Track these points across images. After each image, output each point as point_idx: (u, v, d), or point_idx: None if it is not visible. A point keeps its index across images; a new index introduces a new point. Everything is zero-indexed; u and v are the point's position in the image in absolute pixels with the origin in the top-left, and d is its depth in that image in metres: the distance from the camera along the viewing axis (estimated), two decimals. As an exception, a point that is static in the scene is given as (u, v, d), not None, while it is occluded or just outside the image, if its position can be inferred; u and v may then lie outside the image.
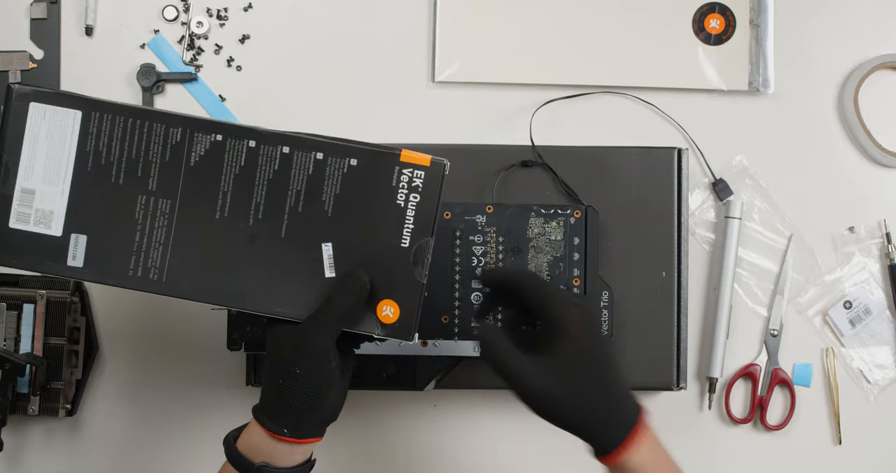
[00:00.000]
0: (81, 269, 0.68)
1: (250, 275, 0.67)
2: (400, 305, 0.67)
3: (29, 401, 0.88)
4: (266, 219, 0.67)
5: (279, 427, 0.67)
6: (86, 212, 0.67)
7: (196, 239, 0.67)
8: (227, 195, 0.67)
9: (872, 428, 0.92)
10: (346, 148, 0.67)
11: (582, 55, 0.94)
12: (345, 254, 0.67)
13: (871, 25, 0.95)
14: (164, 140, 0.67)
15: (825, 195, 0.94)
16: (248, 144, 0.67)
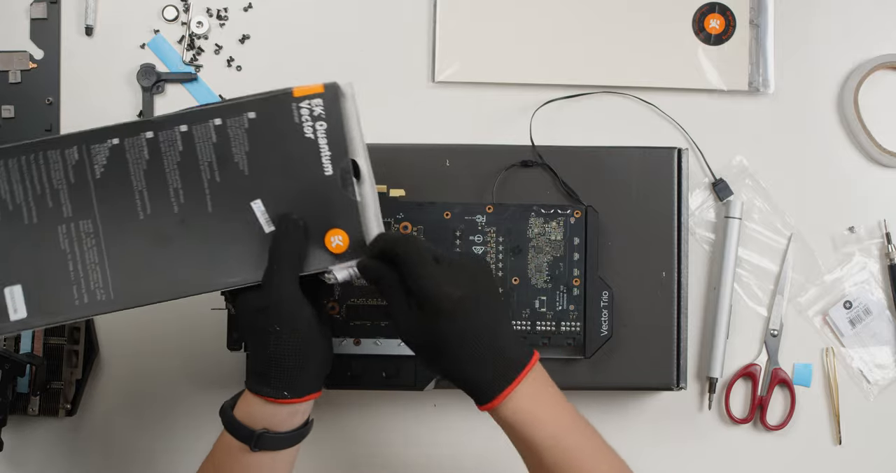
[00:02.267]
0: (27, 319, 0.66)
1: (194, 259, 0.67)
2: (346, 230, 0.67)
3: (29, 401, 0.88)
4: (189, 201, 0.66)
5: (278, 391, 0.66)
6: (10, 262, 0.66)
7: (129, 245, 0.67)
8: (143, 193, 0.66)
9: (872, 428, 0.92)
10: (239, 105, 0.66)
11: (582, 55, 0.94)
12: (276, 205, 0.67)
13: (871, 25, 0.95)
14: (63, 164, 0.66)
15: (825, 195, 0.94)
16: (146, 137, 0.66)
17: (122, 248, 0.66)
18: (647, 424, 0.92)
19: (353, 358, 0.82)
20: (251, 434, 0.67)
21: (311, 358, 0.67)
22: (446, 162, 0.86)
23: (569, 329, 0.83)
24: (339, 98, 0.67)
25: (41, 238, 0.66)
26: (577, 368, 0.84)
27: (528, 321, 0.82)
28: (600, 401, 0.92)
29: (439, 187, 0.85)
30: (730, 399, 0.92)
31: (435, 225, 0.83)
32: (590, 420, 0.92)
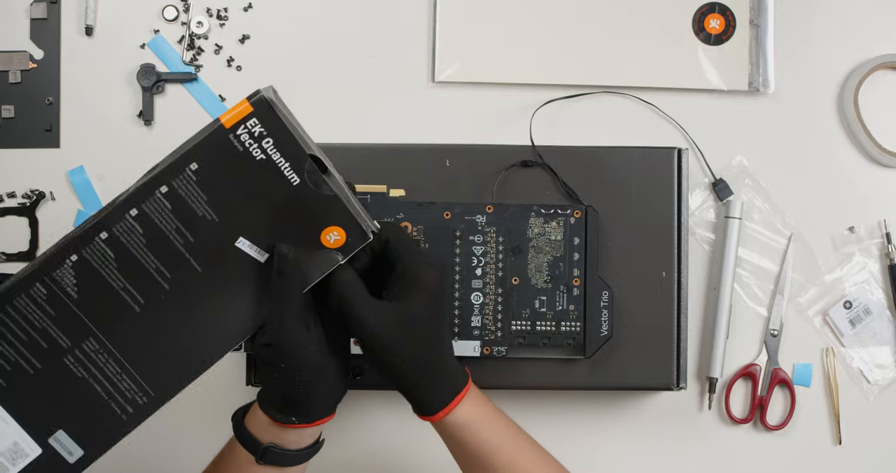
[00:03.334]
0: (86, 456, 0.65)
1: (210, 322, 0.65)
2: (339, 224, 0.66)
3: (29, 401, 0.88)
4: (175, 273, 0.64)
5: (286, 417, 0.67)
6: (39, 414, 0.64)
7: (141, 341, 0.65)
8: (127, 288, 0.64)
9: (872, 428, 0.92)
10: (177, 162, 0.63)
11: (582, 55, 0.94)
12: (261, 233, 0.65)
13: (871, 25, 0.95)
14: (35, 303, 0.63)
15: (825, 195, 0.94)
16: (101, 238, 0.63)
17: (136, 348, 0.65)
18: (647, 424, 0.92)
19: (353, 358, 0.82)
20: (258, 447, 0.67)
21: (319, 389, 0.67)
22: (446, 162, 0.86)
23: (569, 329, 0.83)
24: (271, 108, 0.63)
25: (53, 379, 0.64)
26: (577, 368, 0.84)
27: (528, 321, 0.82)
28: (600, 401, 0.92)
29: (439, 187, 0.85)
30: (730, 399, 0.92)
31: (435, 225, 0.82)
32: (590, 420, 0.92)
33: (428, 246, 0.82)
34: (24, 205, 0.93)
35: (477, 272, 0.83)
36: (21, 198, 0.93)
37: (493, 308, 0.83)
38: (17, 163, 0.93)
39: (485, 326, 0.82)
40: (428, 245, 0.82)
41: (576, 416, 0.92)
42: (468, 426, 0.68)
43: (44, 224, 0.93)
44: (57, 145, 0.94)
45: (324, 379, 0.67)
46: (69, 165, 0.93)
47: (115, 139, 0.93)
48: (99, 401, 0.65)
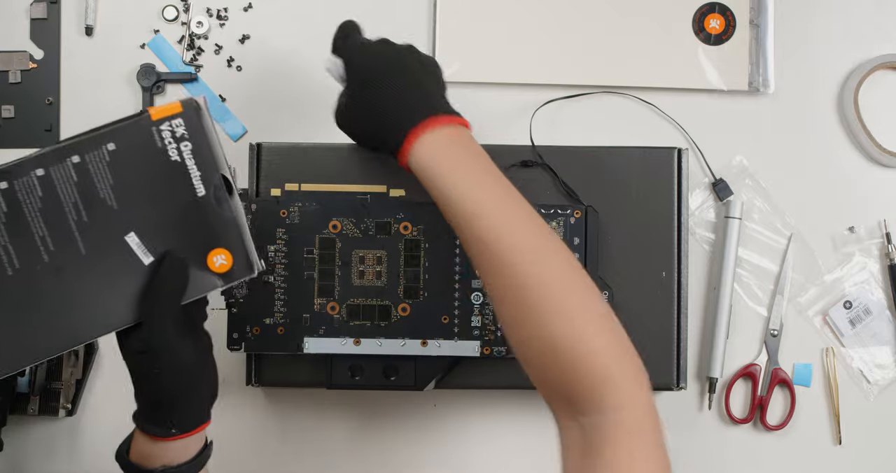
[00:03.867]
0: None
1: (78, 306, 0.63)
2: (228, 248, 0.65)
3: (29, 401, 0.88)
4: (59, 247, 0.62)
5: (166, 430, 0.65)
6: None
7: (2, 307, 0.62)
8: (6, 247, 0.62)
9: (872, 428, 0.92)
10: (97, 137, 0.62)
11: (582, 55, 0.94)
12: (152, 234, 0.64)
13: (871, 25, 0.95)
14: None
15: (825, 195, 0.94)
16: (1, 187, 0.61)
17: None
18: (647, 424, 0.92)
19: (353, 358, 0.82)
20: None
21: (196, 394, 0.66)
22: (446, 162, 0.86)
23: (569, 329, 0.83)
24: (199, 114, 0.63)
25: None
26: (577, 368, 0.84)
27: (528, 321, 0.82)
28: (600, 401, 0.92)
29: (439, 187, 0.85)
30: (730, 399, 0.92)
31: (435, 225, 0.82)
32: (590, 420, 0.92)
33: (428, 245, 0.82)
34: (24, 205, 0.93)
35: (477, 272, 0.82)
36: (21, 198, 0.93)
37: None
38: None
39: (485, 326, 0.82)
40: (428, 245, 0.82)
41: (576, 416, 0.92)
42: (429, 165, 0.68)
43: (44, 224, 0.93)
44: (57, 145, 0.94)
45: (198, 382, 0.65)
46: (69, 165, 0.93)
47: (115, 139, 0.93)
48: None
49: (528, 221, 0.66)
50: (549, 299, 0.63)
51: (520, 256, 0.64)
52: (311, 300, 0.82)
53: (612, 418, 0.61)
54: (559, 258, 0.65)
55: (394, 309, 0.82)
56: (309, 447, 0.92)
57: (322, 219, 0.82)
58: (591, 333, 0.62)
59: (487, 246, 0.65)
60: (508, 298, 0.64)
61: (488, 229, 0.65)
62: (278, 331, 0.82)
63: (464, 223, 0.66)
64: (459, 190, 0.66)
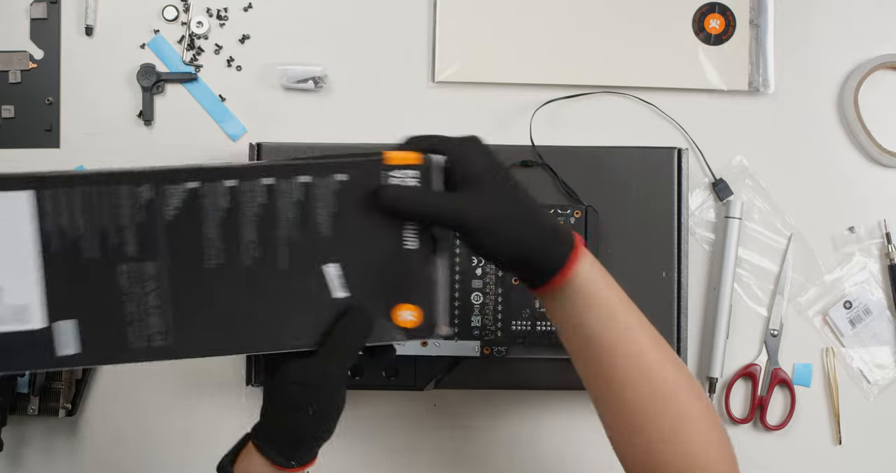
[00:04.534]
0: (76, 356, 0.62)
1: (259, 316, 0.63)
2: (421, 307, 0.65)
3: (29, 401, 0.88)
4: (263, 256, 0.63)
5: (287, 461, 0.66)
6: (66, 294, 0.61)
7: (194, 294, 0.63)
8: (215, 241, 0.62)
9: (872, 428, 0.92)
10: (329, 165, 0.63)
11: (582, 55, 0.94)
12: (352, 270, 0.64)
13: (871, 25, 0.95)
14: (133, 200, 0.61)
15: (825, 195, 0.94)
16: (227, 184, 0.62)
17: (186, 296, 0.63)
18: (647, 424, 0.92)
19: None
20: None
21: (328, 436, 0.67)
22: (446, 162, 0.85)
23: (569, 329, 0.83)
24: (434, 173, 0.63)
25: (100, 275, 0.62)
26: (577, 368, 0.84)
27: (528, 321, 0.82)
28: (600, 401, 0.92)
29: (439, 187, 0.85)
30: (730, 399, 0.92)
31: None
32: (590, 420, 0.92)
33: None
34: (24, 205, 0.93)
35: (477, 272, 0.83)
36: (21, 198, 0.93)
37: (493, 308, 0.83)
38: (17, 163, 0.93)
39: (485, 326, 0.82)
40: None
41: (576, 416, 0.92)
42: (591, 283, 0.65)
43: (44, 224, 0.93)
44: (57, 145, 0.94)
45: (334, 425, 0.66)
46: (69, 165, 0.93)
47: (115, 139, 0.93)
48: (120, 318, 0.62)
49: (659, 337, 0.68)
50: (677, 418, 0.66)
51: (659, 373, 0.66)
52: (311, 300, 0.82)
53: None
54: (685, 373, 0.68)
55: (394, 309, 0.82)
56: (309, 447, 0.92)
57: (322, 219, 0.82)
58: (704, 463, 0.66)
59: (636, 358, 0.66)
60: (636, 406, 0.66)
61: (639, 342, 0.66)
62: (278, 331, 0.82)
63: (614, 336, 0.66)
64: (616, 305, 0.66)
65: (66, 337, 0.62)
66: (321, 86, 0.93)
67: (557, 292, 0.66)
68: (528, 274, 0.66)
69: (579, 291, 0.65)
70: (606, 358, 0.66)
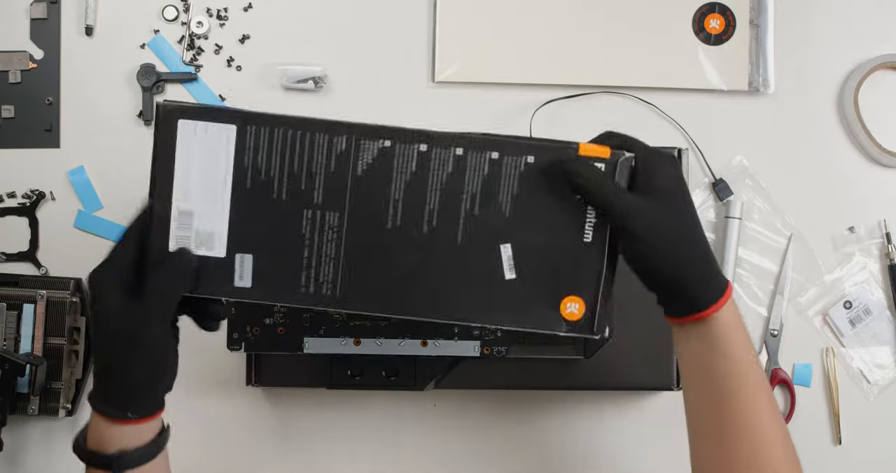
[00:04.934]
0: (250, 289, 0.65)
1: (428, 284, 0.65)
2: (585, 301, 0.66)
3: (29, 401, 0.88)
4: (441, 226, 0.64)
5: (122, 413, 0.65)
6: (249, 230, 0.64)
7: (369, 250, 0.64)
8: (398, 203, 0.64)
9: (872, 428, 0.92)
10: (522, 145, 0.64)
11: (582, 55, 0.94)
12: (525, 254, 0.65)
13: (871, 25, 0.95)
14: (328, 150, 0.63)
15: (825, 195, 0.94)
16: (419, 148, 0.63)
17: (360, 251, 0.64)
18: (647, 424, 0.92)
19: (353, 358, 0.82)
20: (109, 460, 0.65)
21: (161, 382, 0.66)
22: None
23: (569, 329, 0.83)
24: (618, 167, 0.63)
25: (285, 216, 0.64)
26: (577, 368, 0.84)
27: (528, 321, 0.82)
28: (600, 401, 0.92)
29: (439, 187, 0.85)
30: (730, 399, 0.92)
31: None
32: (590, 420, 0.92)
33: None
34: (24, 205, 0.93)
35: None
36: (21, 198, 0.93)
37: (494, 308, 0.82)
38: (17, 163, 0.93)
39: (485, 326, 0.82)
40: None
41: (576, 416, 0.92)
42: (729, 326, 0.65)
43: (44, 224, 0.93)
44: (57, 145, 0.94)
45: (169, 371, 0.66)
46: (69, 165, 0.93)
47: (115, 139, 0.93)
48: (297, 263, 0.65)
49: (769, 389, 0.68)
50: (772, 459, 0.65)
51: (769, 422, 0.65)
52: (312, 300, 0.82)
53: None
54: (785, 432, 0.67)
55: (394, 309, 0.82)
56: (309, 447, 0.92)
57: (322, 219, 0.82)
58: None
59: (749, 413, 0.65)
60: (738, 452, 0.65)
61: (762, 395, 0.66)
62: (278, 331, 0.82)
63: (741, 385, 0.66)
64: (751, 355, 0.66)
65: (244, 270, 0.65)
66: (321, 86, 0.93)
67: (697, 328, 0.65)
68: (674, 301, 0.66)
69: (718, 334, 0.65)
70: (727, 407, 0.66)
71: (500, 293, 0.65)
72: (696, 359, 0.67)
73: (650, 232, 0.63)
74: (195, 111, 0.64)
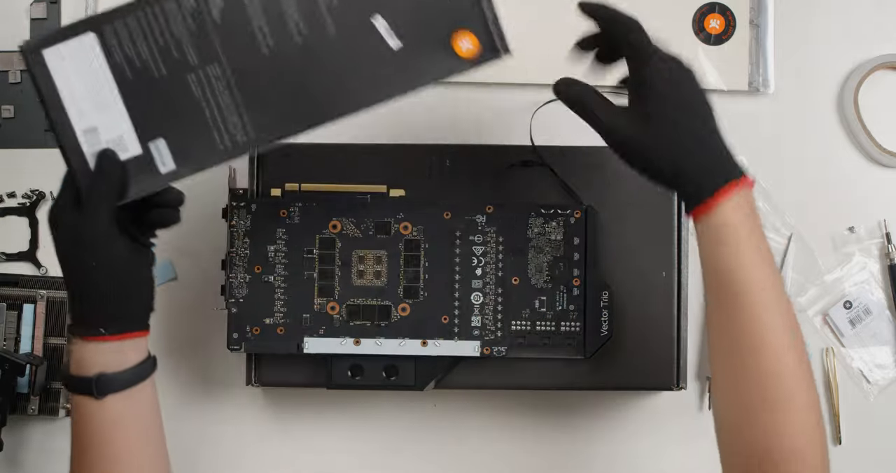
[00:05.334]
0: (177, 170, 0.68)
1: (325, 86, 0.68)
2: (474, 31, 0.68)
3: (29, 401, 0.88)
4: (310, 29, 0.67)
5: (95, 329, 0.66)
6: (149, 116, 0.68)
7: (258, 82, 0.67)
8: (263, 28, 0.67)
9: (872, 428, 0.92)
10: None
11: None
12: (397, 17, 0.67)
13: (871, 25, 0.95)
14: (181, 13, 0.67)
15: (825, 195, 0.94)
16: None
17: (252, 87, 0.68)
18: (647, 424, 0.92)
19: (353, 358, 0.82)
20: (89, 382, 0.66)
21: (128, 296, 0.67)
22: (446, 162, 0.86)
23: (569, 329, 0.83)
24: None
25: (173, 89, 0.67)
26: (577, 368, 0.84)
27: (527, 321, 0.82)
28: (600, 401, 0.92)
29: (439, 187, 0.85)
30: (730, 399, 0.92)
31: (435, 225, 0.83)
32: (590, 420, 0.92)
33: (428, 246, 0.82)
34: (24, 205, 0.93)
35: (477, 272, 0.83)
36: (21, 198, 0.93)
37: (493, 308, 0.83)
38: (17, 163, 0.93)
39: (485, 326, 0.82)
40: (428, 245, 0.82)
41: (576, 416, 0.92)
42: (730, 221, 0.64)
43: (44, 224, 0.93)
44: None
45: (130, 284, 0.68)
46: (69, 165, 0.93)
47: (115, 139, 0.93)
48: (204, 125, 0.68)
49: (789, 305, 0.66)
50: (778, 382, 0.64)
51: (778, 339, 0.64)
52: (311, 300, 0.82)
53: None
54: (802, 348, 0.66)
55: (394, 309, 0.82)
56: (309, 447, 0.92)
57: (322, 219, 0.82)
58: (797, 431, 0.65)
59: (755, 320, 0.64)
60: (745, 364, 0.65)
61: (764, 304, 0.65)
62: (278, 331, 0.82)
63: (741, 290, 0.65)
64: (750, 256, 0.65)
65: (163, 155, 0.68)
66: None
67: (700, 224, 0.65)
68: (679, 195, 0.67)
69: (718, 230, 0.64)
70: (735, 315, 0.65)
71: (395, 63, 0.68)
72: (703, 260, 0.67)
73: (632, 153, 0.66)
74: (53, 37, 0.68)
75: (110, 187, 0.66)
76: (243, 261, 0.82)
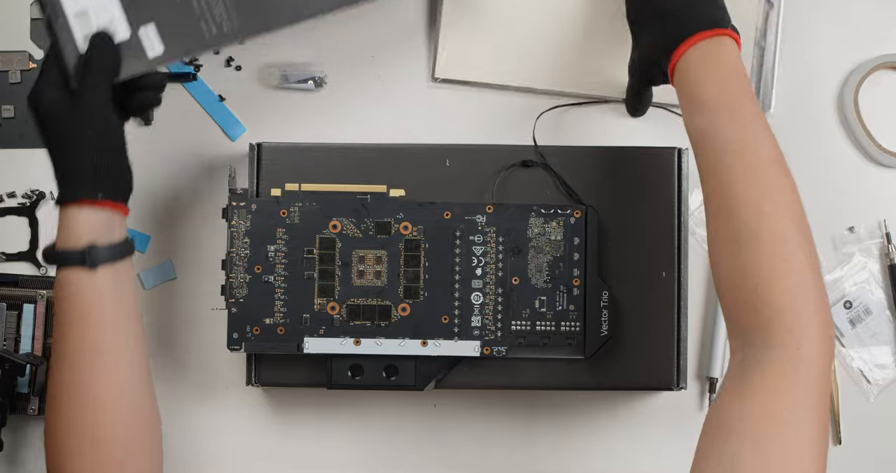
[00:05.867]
0: (164, 54, 0.71)
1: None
2: None
3: (29, 401, 0.88)
4: None
5: (94, 193, 0.68)
6: (139, 2, 0.70)
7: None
8: None
9: (872, 428, 0.92)
10: None
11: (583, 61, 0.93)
12: None
13: (871, 25, 0.95)
14: None
15: (825, 195, 0.94)
16: None
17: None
18: (647, 424, 0.92)
19: (353, 358, 0.82)
20: (81, 254, 0.67)
21: (119, 168, 0.70)
22: (446, 162, 0.86)
23: (569, 329, 0.83)
24: None
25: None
26: (577, 368, 0.84)
27: (527, 321, 0.82)
28: (600, 401, 0.92)
29: (439, 187, 0.85)
30: (730, 399, 0.92)
31: (435, 225, 0.83)
32: (590, 420, 0.92)
33: (428, 246, 0.82)
34: (24, 205, 0.93)
35: (477, 272, 0.83)
36: (21, 198, 0.93)
37: (493, 308, 0.83)
38: (17, 163, 0.93)
39: (485, 326, 0.82)
40: (428, 245, 0.82)
41: (576, 416, 0.92)
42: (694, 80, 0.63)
43: (44, 224, 0.93)
44: (57, 145, 0.93)
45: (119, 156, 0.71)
46: (69, 165, 0.93)
47: (115, 139, 0.93)
48: (191, 14, 0.72)
49: (777, 163, 0.65)
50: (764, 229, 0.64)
51: (759, 194, 0.64)
52: (311, 300, 0.82)
53: (774, 355, 0.61)
54: (793, 197, 0.65)
55: (394, 309, 0.82)
56: (309, 447, 0.92)
57: (322, 219, 0.82)
58: (783, 272, 0.63)
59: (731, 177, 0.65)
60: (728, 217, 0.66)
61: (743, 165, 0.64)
62: (278, 331, 0.82)
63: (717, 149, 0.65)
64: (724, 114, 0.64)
65: (152, 40, 0.71)
66: (321, 86, 0.93)
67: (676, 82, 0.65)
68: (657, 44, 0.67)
69: (688, 79, 0.63)
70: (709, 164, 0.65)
71: None
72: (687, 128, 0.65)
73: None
74: None
75: (107, 65, 0.69)
76: (243, 261, 0.82)
